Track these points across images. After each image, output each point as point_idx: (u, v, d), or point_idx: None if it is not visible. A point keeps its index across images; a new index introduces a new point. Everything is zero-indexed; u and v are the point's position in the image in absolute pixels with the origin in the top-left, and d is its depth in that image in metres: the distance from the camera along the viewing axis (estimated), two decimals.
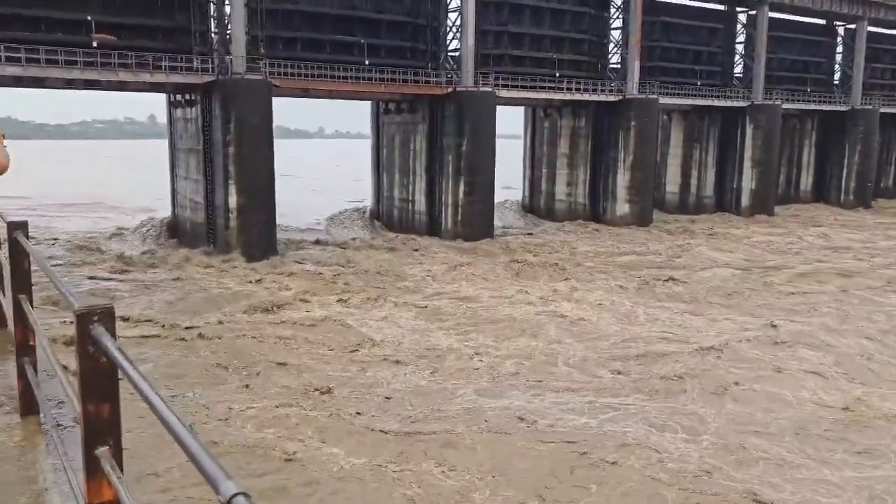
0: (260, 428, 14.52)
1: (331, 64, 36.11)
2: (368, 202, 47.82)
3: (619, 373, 18.53)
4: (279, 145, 36.36)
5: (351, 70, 36.52)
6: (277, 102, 34.36)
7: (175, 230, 38.45)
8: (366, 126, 48.83)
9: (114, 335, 2.35)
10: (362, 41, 38.40)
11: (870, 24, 59.46)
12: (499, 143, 40.56)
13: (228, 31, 34.24)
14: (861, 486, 12.87)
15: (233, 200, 32.70)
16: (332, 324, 22.70)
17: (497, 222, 43.16)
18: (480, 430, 14.73)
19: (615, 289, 28.58)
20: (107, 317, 2.37)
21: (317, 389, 16.64)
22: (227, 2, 34.63)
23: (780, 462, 13.71)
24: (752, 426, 15.31)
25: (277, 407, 15.61)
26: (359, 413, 15.49)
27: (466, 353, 19.84)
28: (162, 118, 44.13)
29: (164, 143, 40.73)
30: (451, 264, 32.53)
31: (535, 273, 31.37)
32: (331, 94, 38.81)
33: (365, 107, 47.04)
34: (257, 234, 33.22)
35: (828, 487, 12.85)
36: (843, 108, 58.92)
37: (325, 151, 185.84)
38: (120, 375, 2.34)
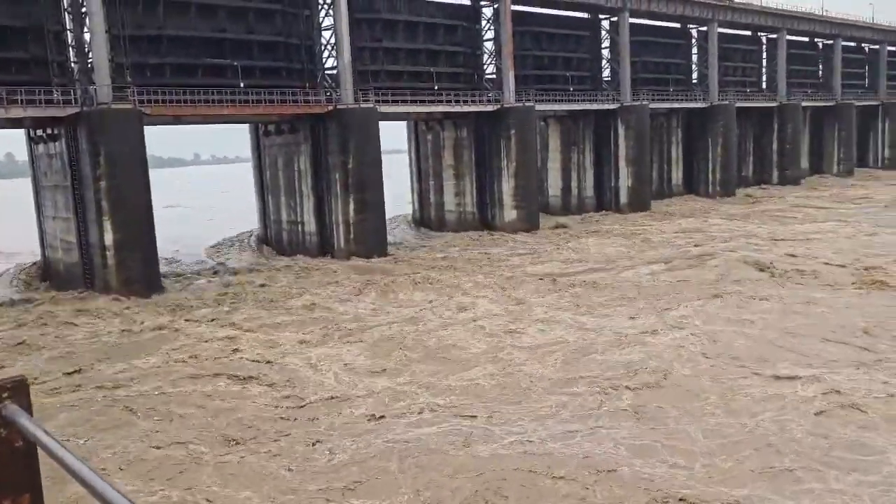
0: (173, 480, 13.64)
1: (204, 88, 34.77)
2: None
3: (584, 388, 17.40)
4: (156, 176, 34.61)
5: (226, 93, 35.33)
6: (149, 131, 32.83)
7: (47, 273, 35.82)
8: (245, 150, 47.43)
9: (30, 411, 2.00)
10: (235, 63, 37.25)
11: (719, 26, 63.86)
12: (388, 158, 40.00)
13: (90, 60, 32.36)
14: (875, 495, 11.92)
15: (108, 237, 30.90)
16: (235, 361, 21.45)
17: (390, 238, 42.84)
18: (428, 461, 13.91)
19: (551, 300, 27.26)
20: (19, 392, 2.00)
21: (233, 440, 15.32)
22: (85, 29, 32.74)
23: (775, 473, 12.86)
24: (735, 436, 14.43)
25: (199, 459, 14.61)
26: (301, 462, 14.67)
27: (420, 386, 18.39)
28: (22, 155, 41.13)
29: (27, 182, 37.88)
30: (357, 286, 31.45)
31: (464, 289, 29.98)
32: (206, 120, 37.46)
33: (243, 130, 45.73)
34: (138, 271, 31.50)
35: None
36: (703, 105, 62.83)
37: (209, 178, 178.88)
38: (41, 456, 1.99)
